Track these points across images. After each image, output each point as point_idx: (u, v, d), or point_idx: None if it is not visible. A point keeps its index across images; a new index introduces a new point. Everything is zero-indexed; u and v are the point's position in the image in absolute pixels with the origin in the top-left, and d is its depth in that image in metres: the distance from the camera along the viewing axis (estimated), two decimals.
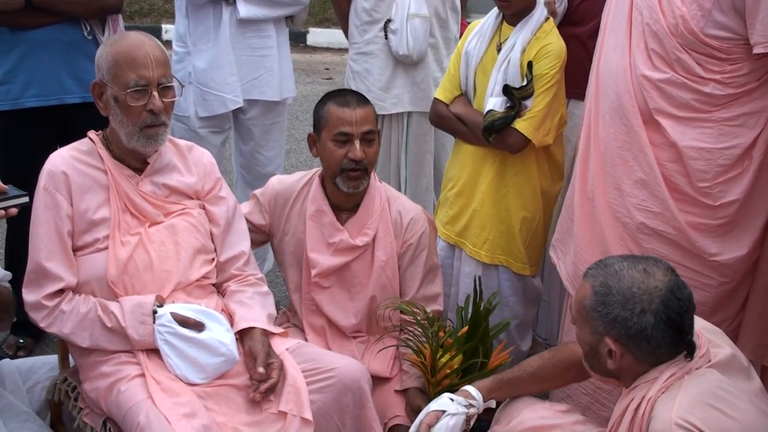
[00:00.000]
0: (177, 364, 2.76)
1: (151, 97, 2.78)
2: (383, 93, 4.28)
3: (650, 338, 2.27)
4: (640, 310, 2.26)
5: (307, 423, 2.76)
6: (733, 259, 2.89)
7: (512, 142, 3.36)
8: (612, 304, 2.29)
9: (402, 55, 4.19)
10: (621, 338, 2.29)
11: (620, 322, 2.28)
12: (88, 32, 3.88)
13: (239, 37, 4.21)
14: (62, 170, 2.81)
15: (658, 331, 2.26)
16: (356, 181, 3.12)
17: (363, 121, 3.09)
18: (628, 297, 2.27)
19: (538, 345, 4.29)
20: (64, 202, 2.80)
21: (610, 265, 2.35)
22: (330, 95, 3.19)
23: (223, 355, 2.79)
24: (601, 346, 2.34)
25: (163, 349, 2.76)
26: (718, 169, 2.80)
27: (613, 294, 2.29)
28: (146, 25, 10.25)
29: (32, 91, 3.84)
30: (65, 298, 2.80)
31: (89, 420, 2.86)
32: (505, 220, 3.48)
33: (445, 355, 3.00)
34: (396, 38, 4.16)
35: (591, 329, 2.35)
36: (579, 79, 3.52)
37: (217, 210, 3.04)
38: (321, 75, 9.74)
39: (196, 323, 2.78)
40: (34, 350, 4.23)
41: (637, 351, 2.30)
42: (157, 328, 2.76)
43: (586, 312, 2.35)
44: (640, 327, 2.26)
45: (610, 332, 2.30)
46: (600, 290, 2.32)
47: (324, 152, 3.13)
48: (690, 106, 2.78)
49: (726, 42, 2.71)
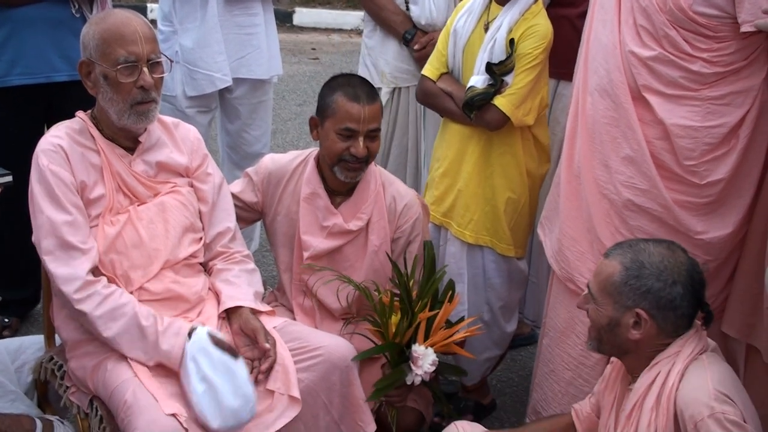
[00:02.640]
0: (196, 389, 2.65)
1: (141, 73, 2.77)
2: (402, 65, 4.21)
3: (677, 308, 2.46)
4: (672, 281, 2.46)
5: (294, 401, 2.77)
6: (717, 238, 2.90)
7: (490, 119, 3.34)
8: (646, 277, 2.46)
9: (425, 24, 4.10)
10: (651, 309, 2.46)
11: (653, 293, 2.45)
12: (76, 10, 3.87)
13: (226, 15, 4.19)
14: (60, 146, 2.78)
15: (685, 301, 2.47)
16: (354, 172, 3.11)
17: (371, 119, 3.07)
18: (661, 269, 2.47)
19: (525, 327, 4.31)
20: (69, 177, 2.77)
21: (635, 244, 2.56)
22: (339, 82, 3.14)
23: (244, 396, 2.66)
24: (626, 317, 2.49)
25: (188, 366, 2.68)
26: (705, 147, 2.80)
27: (646, 267, 2.47)
28: (131, 5, 10.20)
29: (19, 69, 3.83)
30: (102, 281, 2.75)
31: (76, 399, 2.86)
32: (490, 200, 3.47)
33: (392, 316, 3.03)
34: (417, 8, 4.08)
35: (616, 303, 2.50)
36: (569, 60, 3.50)
37: (205, 187, 3.03)
38: (307, 55, 9.72)
39: (230, 349, 2.72)
40: (20, 329, 4.24)
41: (662, 321, 2.48)
42: (188, 346, 2.70)
43: (614, 287, 2.50)
44: (671, 297, 2.45)
45: (640, 303, 2.47)
46: (632, 265, 2.49)
47: (326, 141, 3.11)
48: (678, 84, 2.78)
49: (714, 20, 2.70)
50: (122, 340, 2.71)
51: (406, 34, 4.12)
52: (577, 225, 3.09)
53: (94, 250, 2.75)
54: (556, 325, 3.24)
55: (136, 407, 2.59)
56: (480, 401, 3.85)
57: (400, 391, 3.09)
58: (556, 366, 3.23)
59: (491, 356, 3.71)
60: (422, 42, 4.07)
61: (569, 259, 3.11)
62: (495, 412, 3.90)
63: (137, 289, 2.83)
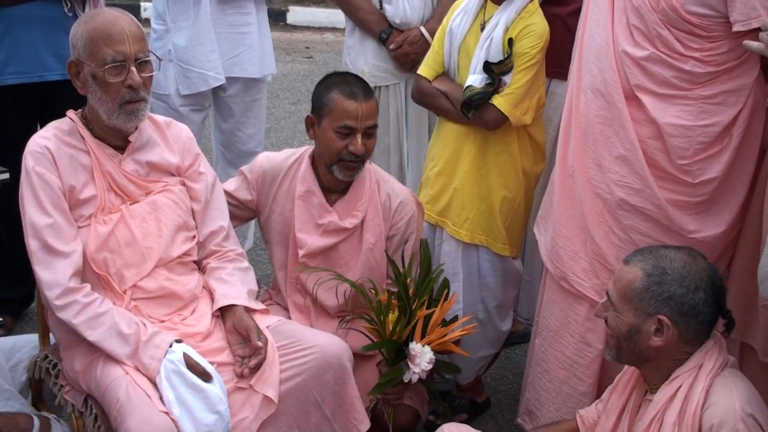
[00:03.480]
0: (172, 409, 2.64)
1: (129, 72, 2.77)
2: (381, 64, 4.19)
3: (699, 314, 2.43)
4: (694, 287, 2.42)
5: (269, 403, 2.79)
6: (711, 237, 2.89)
7: (488, 118, 3.33)
8: (669, 283, 2.43)
9: (400, 23, 4.08)
10: (673, 315, 2.43)
11: (676, 299, 2.42)
12: (69, 9, 3.86)
13: (219, 14, 4.17)
14: (47, 147, 2.79)
15: (707, 307, 2.44)
16: (353, 170, 3.12)
17: (368, 116, 3.08)
18: (684, 275, 2.43)
19: (519, 325, 4.31)
20: (55, 180, 2.77)
21: (655, 250, 2.52)
22: (335, 81, 3.15)
23: (218, 413, 2.66)
24: (648, 324, 2.45)
25: (163, 384, 2.67)
26: (698, 146, 2.80)
27: (668, 273, 2.44)
28: (125, 4, 10.18)
29: (12, 68, 3.83)
30: (84, 289, 2.75)
31: (70, 397, 2.85)
32: (485, 199, 3.46)
33: (389, 314, 3.04)
34: (391, 7, 4.06)
35: (637, 310, 2.47)
36: (561, 59, 3.50)
37: (197, 186, 3.03)
38: (301, 54, 9.70)
39: (203, 372, 2.70)
40: (14, 328, 4.23)
41: (684, 328, 2.44)
42: (165, 362, 2.70)
43: (635, 294, 2.47)
44: (693, 303, 2.42)
45: (663, 310, 2.43)
46: (654, 271, 2.45)
47: (323, 139, 3.11)
48: (670, 84, 2.78)
49: (706, 19, 2.70)
50: (104, 344, 2.72)
51: (381, 33, 4.10)
52: (571, 224, 3.08)
53: (76, 255, 2.75)
54: (549, 324, 3.22)
55: (128, 405, 2.60)
56: (474, 399, 3.85)
57: (396, 389, 3.10)
58: (550, 365, 3.23)
59: (486, 355, 3.70)
60: (397, 41, 4.05)
61: (563, 258, 3.11)
62: (489, 410, 3.90)
63: (131, 287, 2.84)
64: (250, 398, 2.78)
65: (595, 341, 3.04)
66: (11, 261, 4.08)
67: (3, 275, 4.16)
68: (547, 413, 3.25)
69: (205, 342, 2.87)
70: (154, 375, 2.69)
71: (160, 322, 2.86)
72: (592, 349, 3.07)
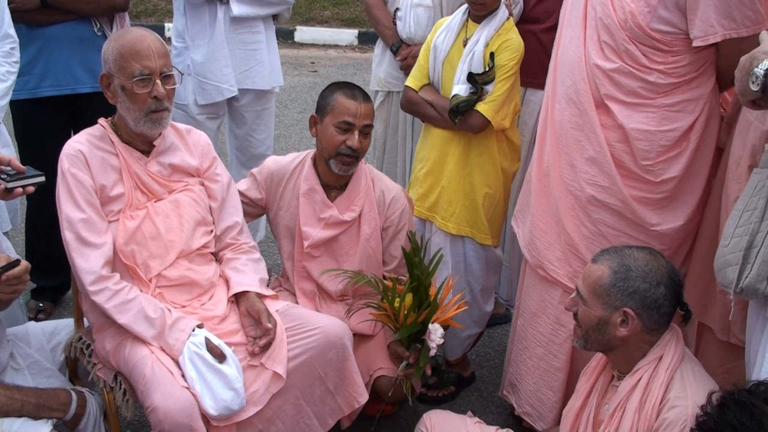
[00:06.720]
0: (194, 385, 2.65)
1: (154, 85, 2.77)
2: (394, 72, 4.20)
3: (660, 306, 2.43)
4: (656, 282, 2.43)
5: (278, 377, 2.79)
6: (671, 229, 2.89)
7: (474, 123, 3.34)
8: (633, 279, 2.43)
9: (405, 38, 4.11)
10: (638, 308, 2.42)
11: (640, 293, 2.42)
12: (98, 29, 3.91)
13: (232, 33, 4.17)
14: (81, 151, 2.79)
15: (667, 300, 2.44)
16: (348, 165, 3.11)
17: (366, 116, 3.09)
18: (647, 272, 2.43)
19: (501, 307, 4.31)
20: (87, 179, 2.77)
21: (620, 250, 2.52)
22: (338, 85, 3.17)
23: (234, 390, 2.67)
24: (615, 317, 2.45)
25: (186, 363, 2.68)
26: (660, 149, 2.79)
27: (632, 270, 2.44)
28: (150, 24, 10.17)
29: (48, 82, 3.86)
30: (114, 277, 2.75)
31: (102, 374, 2.86)
32: (469, 195, 3.46)
33: (397, 300, 3.03)
34: (401, 24, 4.09)
35: (605, 304, 2.46)
36: (535, 69, 3.56)
37: (214, 186, 3.03)
38: (307, 68, 9.69)
39: (222, 355, 2.70)
40: (53, 313, 4.25)
41: (647, 319, 2.44)
42: (188, 344, 2.71)
43: (603, 289, 2.46)
44: (655, 296, 2.42)
45: (628, 303, 2.43)
46: (620, 269, 2.45)
47: (324, 135, 3.11)
48: (636, 93, 2.77)
49: (669, 36, 2.69)
50: (132, 327, 2.72)
51: (392, 46, 4.14)
52: (547, 218, 3.07)
53: (107, 246, 2.75)
54: (529, 307, 3.22)
55: (153, 381, 2.60)
56: (461, 374, 3.85)
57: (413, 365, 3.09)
58: (529, 343, 3.22)
59: (472, 333, 3.71)
60: (403, 54, 4.09)
61: (539, 249, 3.10)
62: (474, 383, 3.90)
63: (156, 275, 2.84)
64: (261, 374, 2.78)
65: (568, 322, 3.02)
66: (48, 253, 4.10)
67: (42, 265, 4.14)
68: (526, 386, 3.25)
69: (222, 324, 2.88)
70: (177, 355, 2.70)
71: (181, 307, 2.87)
72: (565, 329, 3.06)
